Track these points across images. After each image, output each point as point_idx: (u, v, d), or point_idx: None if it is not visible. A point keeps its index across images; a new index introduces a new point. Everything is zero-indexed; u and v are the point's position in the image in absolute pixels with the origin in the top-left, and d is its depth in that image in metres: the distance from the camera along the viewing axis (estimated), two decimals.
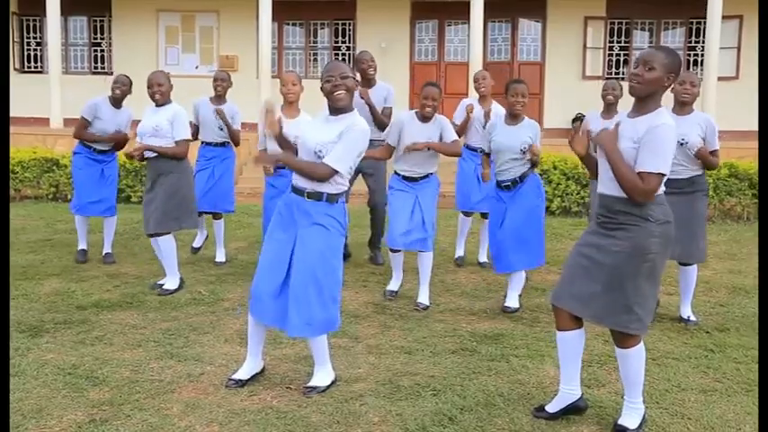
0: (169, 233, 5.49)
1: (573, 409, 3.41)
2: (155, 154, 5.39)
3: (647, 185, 3.01)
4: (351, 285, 5.76)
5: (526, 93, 5.07)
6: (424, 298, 5.27)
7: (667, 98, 3.76)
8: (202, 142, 6.54)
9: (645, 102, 3.13)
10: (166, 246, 5.49)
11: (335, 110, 3.61)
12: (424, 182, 5.27)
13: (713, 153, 4.78)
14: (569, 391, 3.40)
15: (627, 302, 3.14)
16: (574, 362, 3.38)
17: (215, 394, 3.65)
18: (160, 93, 5.41)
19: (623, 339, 3.23)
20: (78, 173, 6.49)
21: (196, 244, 6.75)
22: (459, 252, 6.70)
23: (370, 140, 6.12)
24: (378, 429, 3.30)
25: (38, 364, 3.97)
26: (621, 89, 6.02)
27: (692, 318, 4.93)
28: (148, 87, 5.43)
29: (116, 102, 6.26)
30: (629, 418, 3.29)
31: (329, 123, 3.62)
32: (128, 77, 6.29)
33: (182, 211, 5.49)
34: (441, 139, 5.23)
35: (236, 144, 6.60)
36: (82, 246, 6.56)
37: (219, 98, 6.49)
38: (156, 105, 5.46)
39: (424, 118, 5.20)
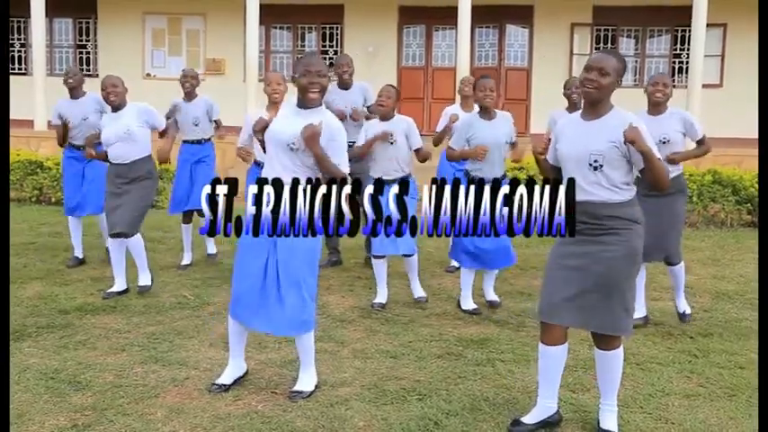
0: (137, 233, 5.51)
1: (548, 424, 3.38)
2: (133, 157, 5.37)
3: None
4: (337, 290, 5.75)
5: (494, 87, 5.21)
6: (420, 292, 5.45)
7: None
8: (183, 141, 6.56)
9: (602, 105, 3.19)
10: (137, 245, 5.50)
11: (305, 105, 3.60)
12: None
13: (699, 142, 4.91)
14: (549, 404, 3.37)
15: (625, 305, 3.16)
16: (557, 376, 3.35)
17: (199, 399, 3.63)
18: (115, 94, 5.36)
19: (611, 342, 3.24)
20: (64, 174, 6.51)
21: (185, 261, 6.54)
22: (455, 262, 6.63)
23: (353, 142, 6.22)
24: None
25: (19, 369, 3.93)
26: None
27: (688, 311, 5.10)
28: (102, 90, 5.41)
29: (73, 92, 6.24)
30: (612, 422, 3.31)
31: (301, 116, 3.58)
32: (76, 67, 6.34)
33: (144, 214, 5.58)
34: (407, 140, 5.40)
35: (218, 126, 6.71)
36: (76, 253, 6.47)
37: (189, 95, 6.49)
38: (113, 110, 5.43)
39: (381, 117, 5.43)
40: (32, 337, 4.48)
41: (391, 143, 5.28)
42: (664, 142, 4.78)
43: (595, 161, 3.13)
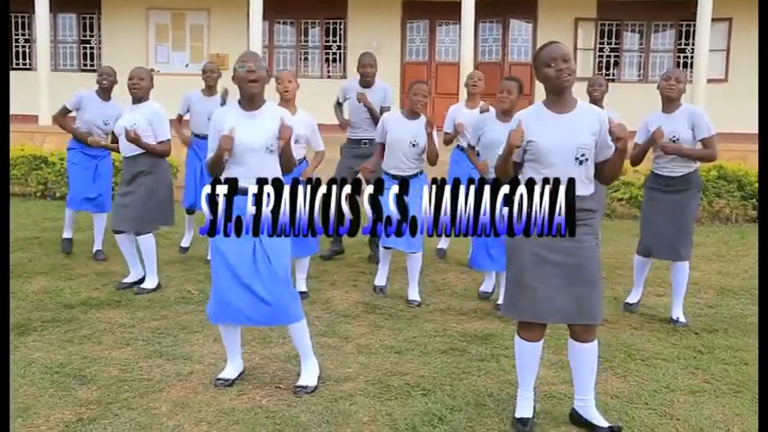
0: (149, 233, 5.47)
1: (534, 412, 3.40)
2: (135, 152, 5.35)
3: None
4: (341, 285, 5.75)
5: (513, 89, 5.16)
6: (414, 295, 5.36)
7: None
8: (193, 134, 6.55)
9: (570, 95, 3.17)
10: (147, 245, 5.46)
11: (252, 101, 3.64)
12: (413, 181, 5.29)
13: (704, 142, 4.74)
14: (530, 395, 3.37)
15: (598, 292, 3.18)
16: (535, 369, 3.37)
17: (204, 393, 3.64)
18: (138, 87, 5.35)
19: (591, 332, 3.22)
20: (73, 168, 6.47)
21: (184, 243, 6.74)
22: (442, 244, 6.78)
23: (369, 140, 6.26)
24: (367, 429, 3.29)
25: (25, 363, 3.94)
26: (607, 85, 6.07)
27: (682, 319, 4.92)
28: (129, 79, 5.39)
29: (105, 93, 6.22)
30: (600, 415, 3.30)
31: (257, 119, 3.64)
32: (112, 68, 6.30)
33: (160, 210, 5.49)
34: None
35: None
36: (67, 234, 6.61)
37: (210, 89, 6.51)
38: (133, 102, 5.42)
39: (412, 113, 5.33)
40: (37, 331, 4.49)
41: (414, 145, 5.27)
42: (673, 140, 4.73)
43: (582, 155, 3.10)
